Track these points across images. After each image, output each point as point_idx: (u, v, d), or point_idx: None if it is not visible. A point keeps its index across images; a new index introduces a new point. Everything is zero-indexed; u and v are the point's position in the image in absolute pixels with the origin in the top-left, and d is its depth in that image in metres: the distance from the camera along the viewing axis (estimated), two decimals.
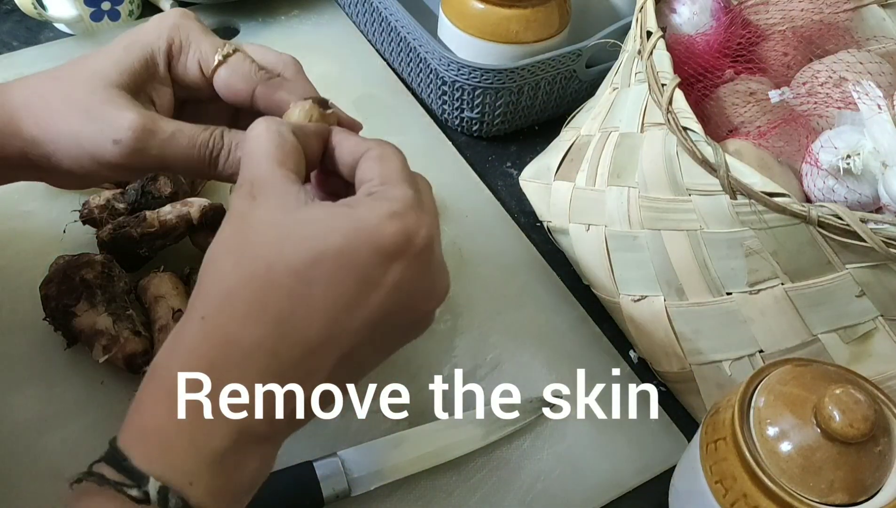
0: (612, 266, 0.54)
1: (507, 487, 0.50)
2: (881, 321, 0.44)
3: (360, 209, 0.33)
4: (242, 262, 0.33)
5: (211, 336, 0.32)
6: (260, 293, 0.32)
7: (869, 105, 0.45)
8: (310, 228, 0.32)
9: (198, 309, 0.33)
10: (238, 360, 0.32)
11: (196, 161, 0.39)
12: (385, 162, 0.36)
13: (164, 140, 0.39)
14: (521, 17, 0.65)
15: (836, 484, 0.38)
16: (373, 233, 0.32)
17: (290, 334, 0.32)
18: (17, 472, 0.47)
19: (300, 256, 0.32)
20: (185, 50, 0.42)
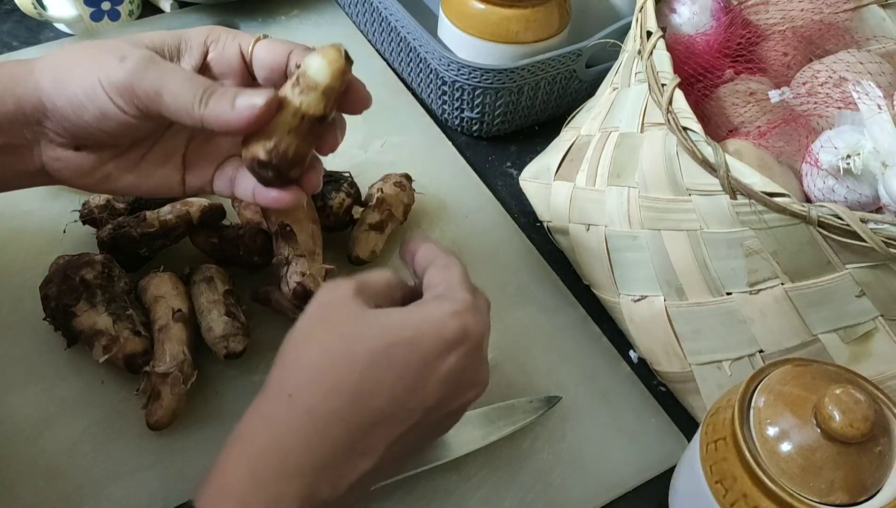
0: (612, 266, 0.54)
1: (507, 487, 0.50)
2: (881, 321, 0.44)
3: (428, 308, 0.40)
4: (325, 343, 0.38)
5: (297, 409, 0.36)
6: (338, 370, 0.37)
7: (869, 105, 0.45)
8: (386, 320, 0.38)
9: (284, 387, 0.37)
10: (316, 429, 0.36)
11: (189, 94, 0.40)
12: (449, 271, 0.42)
13: (164, 69, 0.41)
14: (521, 17, 0.65)
15: (836, 484, 0.38)
16: (437, 326, 0.38)
17: (361, 407, 0.36)
18: (17, 472, 0.47)
19: (376, 342, 0.37)
20: (224, 38, 0.44)
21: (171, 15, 0.78)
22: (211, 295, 0.52)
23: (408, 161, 0.67)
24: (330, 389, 0.36)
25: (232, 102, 0.40)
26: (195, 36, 0.44)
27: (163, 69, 0.40)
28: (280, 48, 0.43)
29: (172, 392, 0.48)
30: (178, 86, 0.40)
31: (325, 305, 0.40)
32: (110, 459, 0.48)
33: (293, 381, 0.37)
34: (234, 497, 0.35)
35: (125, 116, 0.41)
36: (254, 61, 0.44)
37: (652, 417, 0.54)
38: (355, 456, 0.37)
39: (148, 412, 0.48)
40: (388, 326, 0.38)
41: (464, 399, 0.41)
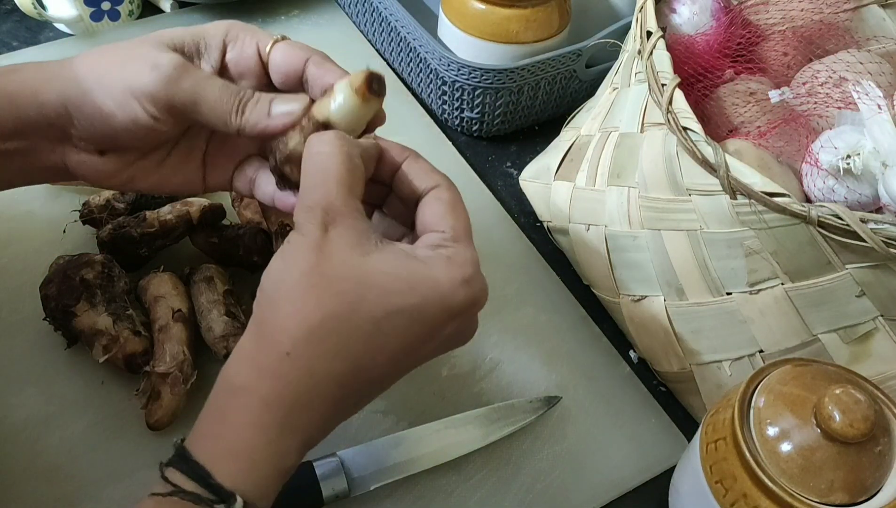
0: (612, 266, 0.54)
1: (507, 487, 0.50)
2: (881, 321, 0.44)
3: (436, 271, 0.37)
4: (325, 300, 0.35)
5: (297, 369, 0.35)
6: (341, 334, 0.35)
7: (869, 105, 0.45)
8: (390, 282, 0.36)
9: (282, 343, 0.35)
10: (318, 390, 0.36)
11: (225, 104, 0.40)
12: (456, 213, 0.39)
13: (198, 78, 0.41)
14: (521, 17, 0.65)
15: (836, 484, 0.38)
16: (446, 296, 0.36)
17: (361, 371, 0.36)
18: (17, 472, 0.47)
19: (381, 307, 0.35)
20: (242, 38, 0.44)
21: (171, 15, 0.78)
22: (211, 295, 0.52)
23: None
24: (331, 353, 0.35)
25: (268, 110, 0.41)
26: (214, 34, 0.43)
27: (196, 78, 0.40)
28: (297, 56, 0.43)
29: (172, 392, 0.48)
30: (214, 97, 0.40)
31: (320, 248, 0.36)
32: (110, 459, 0.48)
33: (291, 337, 0.35)
34: (244, 454, 0.35)
35: (156, 122, 0.41)
36: (270, 65, 0.43)
37: (652, 417, 0.54)
38: (348, 409, 0.38)
39: (148, 412, 0.48)
40: (393, 289, 0.36)
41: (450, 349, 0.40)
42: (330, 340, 0.35)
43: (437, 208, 0.39)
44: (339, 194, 0.36)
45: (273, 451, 0.35)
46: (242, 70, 0.44)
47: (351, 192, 0.37)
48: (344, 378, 0.36)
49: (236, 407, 0.35)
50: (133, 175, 0.45)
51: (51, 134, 0.42)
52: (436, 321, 0.37)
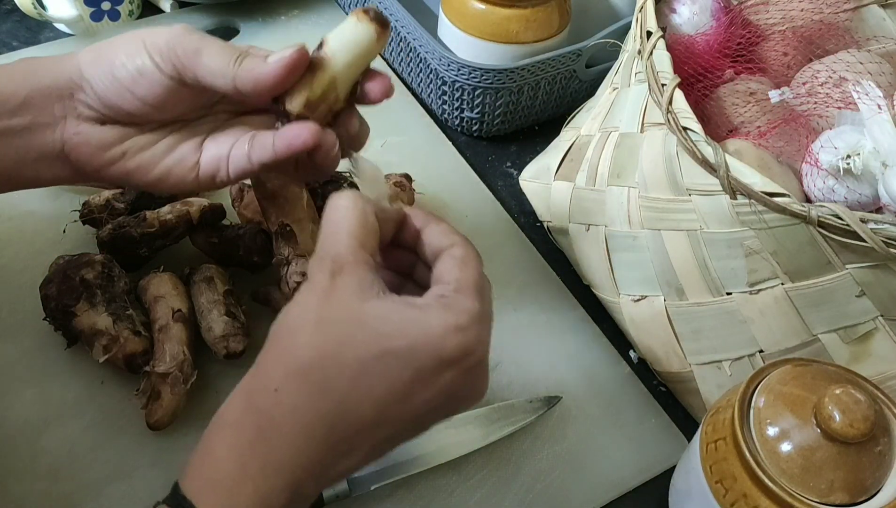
0: (612, 266, 0.54)
1: (507, 487, 0.50)
2: (881, 321, 0.44)
3: (430, 316, 0.36)
4: (316, 340, 0.36)
5: (282, 405, 0.35)
6: (329, 373, 0.35)
7: (869, 105, 0.45)
8: (381, 325, 0.36)
9: (272, 380, 0.36)
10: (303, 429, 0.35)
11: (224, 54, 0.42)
12: (465, 268, 0.39)
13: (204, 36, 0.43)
14: (521, 17, 0.65)
15: (836, 484, 0.38)
16: (436, 342, 0.36)
17: (348, 412, 0.36)
18: (18, 472, 0.47)
19: (368, 348, 0.35)
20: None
21: (171, 15, 0.78)
22: (211, 295, 0.52)
23: (408, 161, 0.67)
24: (317, 391, 0.35)
25: (264, 59, 0.42)
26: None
27: (203, 35, 0.43)
28: None
29: (172, 392, 0.48)
30: (215, 48, 0.42)
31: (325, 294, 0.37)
32: (110, 459, 0.48)
33: (280, 375, 0.36)
34: (224, 487, 0.35)
35: (161, 76, 0.42)
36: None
37: (652, 417, 0.54)
38: (339, 456, 0.37)
39: (148, 412, 0.48)
40: (383, 331, 0.36)
41: (457, 408, 0.39)
42: (316, 377, 0.35)
43: (448, 263, 0.39)
44: (348, 246, 0.37)
45: (254, 488, 0.35)
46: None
47: (362, 245, 0.38)
48: (330, 418, 0.35)
49: (221, 441, 0.36)
50: (127, 149, 0.45)
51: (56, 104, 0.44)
52: (425, 367, 0.36)
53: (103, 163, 0.45)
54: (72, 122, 0.44)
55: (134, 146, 0.45)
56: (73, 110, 0.44)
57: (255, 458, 0.35)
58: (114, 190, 0.57)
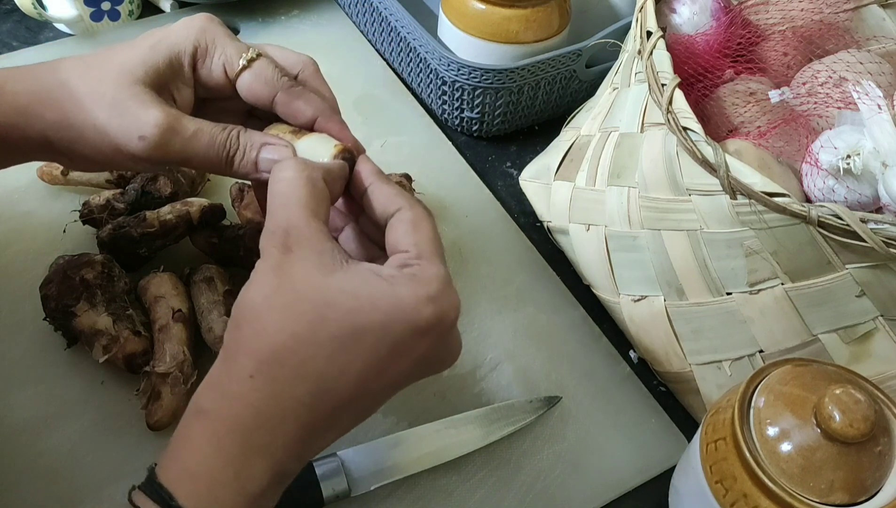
0: (612, 266, 0.54)
1: (507, 487, 0.50)
2: (881, 321, 0.44)
3: (400, 289, 0.36)
4: (287, 322, 0.35)
5: (259, 391, 0.35)
6: (304, 356, 0.35)
7: (869, 105, 0.45)
8: (351, 301, 0.35)
9: (245, 366, 0.35)
10: (282, 412, 0.35)
11: (214, 159, 0.42)
12: (419, 231, 0.39)
13: (185, 138, 0.42)
14: (521, 17, 0.65)
15: (836, 484, 0.38)
16: (411, 314, 0.36)
17: (326, 392, 0.35)
18: (18, 472, 0.47)
19: (343, 326, 0.35)
20: (211, 53, 0.44)
21: (171, 15, 0.78)
22: (211, 295, 0.52)
23: (408, 161, 0.67)
24: (294, 375, 0.35)
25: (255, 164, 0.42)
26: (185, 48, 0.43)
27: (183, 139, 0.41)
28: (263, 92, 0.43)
29: (172, 392, 0.48)
30: (202, 154, 0.42)
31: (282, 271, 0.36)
32: (110, 459, 0.48)
33: (254, 360, 0.35)
34: (203, 475, 0.35)
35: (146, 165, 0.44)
36: (239, 91, 0.44)
37: (652, 417, 0.54)
38: (320, 433, 0.37)
39: (148, 413, 0.48)
40: (354, 308, 0.35)
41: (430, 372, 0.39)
42: (292, 361, 0.35)
43: (401, 228, 0.39)
44: (300, 217, 0.36)
45: (233, 474, 0.35)
46: (213, 90, 0.45)
47: (314, 214, 0.37)
48: (309, 399, 0.35)
49: (198, 430, 0.36)
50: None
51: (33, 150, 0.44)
52: (402, 340, 0.36)
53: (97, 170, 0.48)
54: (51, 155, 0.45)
55: None
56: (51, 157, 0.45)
57: (235, 444, 0.35)
58: (114, 190, 0.57)
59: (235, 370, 0.36)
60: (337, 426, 0.37)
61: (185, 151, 0.42)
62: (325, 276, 0.35)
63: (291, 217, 0.36)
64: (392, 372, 0.37)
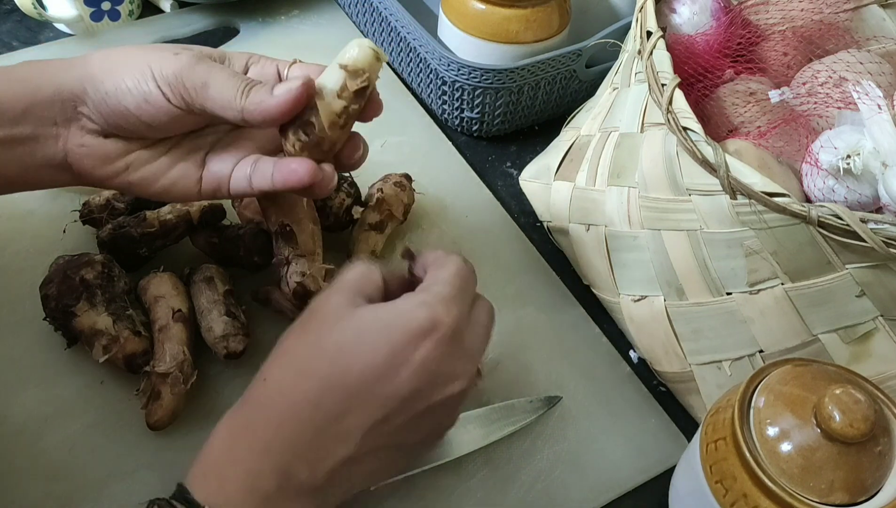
0: (612, 266, 0.54)
1: (507, 487, 0.50)
2: (881, 321, 0.44)
3: (401, 302, 0.40)
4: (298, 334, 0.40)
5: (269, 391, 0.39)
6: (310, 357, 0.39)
7: (869, 105, 0.45)
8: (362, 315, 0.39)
9: (262, 372, 0.40)
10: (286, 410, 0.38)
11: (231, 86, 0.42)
12: (442, 268, 0.42)
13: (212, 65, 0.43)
14: (521, 17, 0.65)
15: (836, 484, 0.38)
16: (405, 316, 0.39)
17: (329, 390, 0.38)
18: (17, 472, 0.47)
19: (345, 332, 0.39)
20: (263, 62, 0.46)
21: (171, 15, 0.78)
22: (211, 295, 0.52)
23: (408, 161, 0.67)
24: (300, 372, 0.38)
25: (270, 90, 0.42)
26: (238, 56, 0.46)
27: (211, 65, 0.43)
28: (314, 69, 0.45)
29: (172, 392, 0.48)
30: (222, 79, 0.43)
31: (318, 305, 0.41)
32: (110, 459, 0.48)
33: (267, 367, 0.40)
34: (214, 473, 0.37)
35: (168, 104, 0.43)
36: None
37: (652, 417, 0.54)
38: (330, 440, 0.38)
39: (148, 412, 0.48)
40: (362, 319, 0.39)
41: (445, 393, 0.40)
42: (297, 361, 0.39)
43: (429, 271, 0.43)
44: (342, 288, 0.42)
45: (243, 470, 0.37)
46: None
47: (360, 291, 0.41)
48: (314, 395, 0.38)
49: (216, 433, 0.39)
50: (131, 162, 0.46)
51: (58, 116, 0.44)
52: (399, 340, 0.38)
53: (106, 174, 0.46)
54: (75, 133, 0.45)
55: (137, 160, 0.46)
56: (76, 122, 0.44)
57: (243, 441, 0.37)
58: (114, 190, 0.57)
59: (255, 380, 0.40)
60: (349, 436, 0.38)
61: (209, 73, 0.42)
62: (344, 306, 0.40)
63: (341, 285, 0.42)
64: (398, 377, 0.38)
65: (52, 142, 0.44)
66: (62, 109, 0.44)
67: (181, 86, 0.42)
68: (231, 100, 0.42)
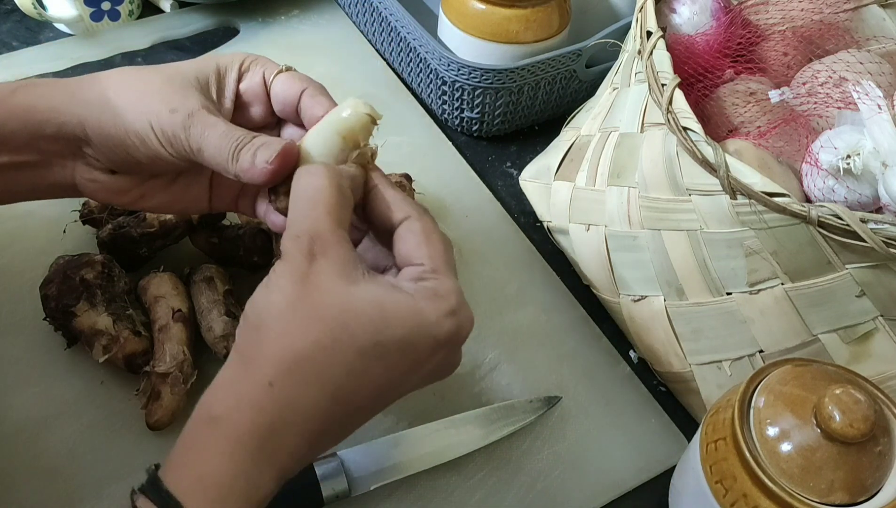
0: (612, 266, 0.54)
1: (507, 487, 0.50)
2: (881, 321, 0.44)
3: (422, 304, 0.37)
4: (310, 330, 0.35)
5: (277, 399, 0.35)
6: (324, 364, 0.35)
7: (869, 105, 0.45)
8: (375, 312, 0.36)
9: (265, 373, 0.35)
10: (296, 420, 0.35)
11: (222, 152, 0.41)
12: (431, 243, 0.39)
13: (205, 127, 0.42)
14: (521, 17, 0.65)
15: (836, 484, 0.38)
16: (433, 329, 0.37)
17: (344, 400, 0.36)
18: (17, 472, 0.47)
19: (366, 338, 0.35)
20: (253, 69, 0.45)
21: (171, 15, 0.78)
22: (211, 295, 0.52)
23: (408, 161, 0.67)
24: (312, 383, 0.35)
25: (252, 158, 0.41)
26: (232, 64, 0.45)
27: (204, 125, 0.42)
28: (294, 85, 0.44)
29: (172, 392, 0.48)
30: (215, 144, 0.41)
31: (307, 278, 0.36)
32: (110, 459, 0.48)
33: (275, 368, 0.35)
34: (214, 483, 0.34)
35: (172, 158, 0.43)
36: (272, 95, 0.45)
37: (652, 417, 0.54)
38: (328, 439, 0.37)
39: (148, 412, 0.48)
40: (379, 319, 0.36)
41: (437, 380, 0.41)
42: (312, 370, 0.35)
43: (412, 239, 0.39)
44: (327, 224, 0.37)
45: (245, 482, 0.34)
46: (251, 99, 0.46)
47: (339, 222, 0.37)
48: (325, 405, 0.35)
49: (211, 437, 0.35)
50: (143, 193, 0.46)
51: (64, 150, 0.44)
52: (423, 353, 0.37)
53: (120, 202, 0.47)
54: (82, 168, 0.45)
55: (150, 190, 0.46)
56: (82, 158, 0.44)
57: (249, 452, 0.34)
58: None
59: (253, 375, 0.35)
60: (344, 432, 0.38)
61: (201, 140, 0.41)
62: (349, 285, 0.36)
63: (318, 224, 0.37)
64: (407, 384, 0.38)
65: (59, 170, 0.45)
66: (66, 146, 0.43)
67: (180, 147, 0.42)
68: (224, 167, 0.41)
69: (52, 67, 0.71)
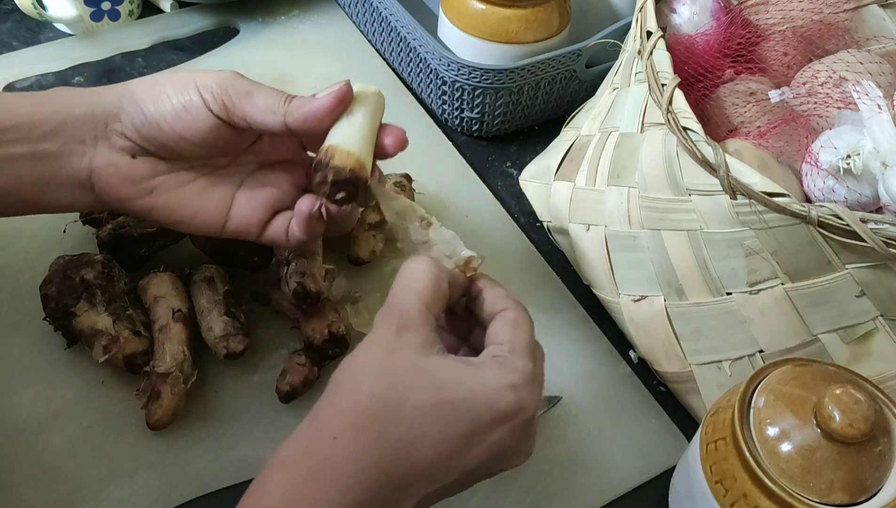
0: (612, 266, 0.54)
1: (507, 487, 0.50)
2: (881, 321, 0.44)
3: (486, 373, 0.38)
4: (378, 388, 0.37)
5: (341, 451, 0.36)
6: (387, 420, 0.36)
7: (869, 105, 0.45)
8: (439, 374, 0.38)
9: (331, 427, 0.37)
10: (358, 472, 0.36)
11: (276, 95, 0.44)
12: (517, 330, 0.41)
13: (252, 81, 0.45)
14: (521, 17, 0.65)
15: (836, 484, 0.38)
16: (493, 395, 0.38)
17: (402, 458, 0.36)
18: (18, 472, 0.47)
19: (427, 397, 0.37)
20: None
21: (171, 15, 0.78)
22: (211, 295, 0.52)
23: (408, 161, 0.66)
24: (374, 437, 0.36)
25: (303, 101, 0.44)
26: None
27: (252, 80, 0.45)
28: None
29: (172, 392, 0.48)
30: (266, 89, 0.44)
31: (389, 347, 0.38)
32: (110, 459, 0.48)
33: (339, 422, 0.37)
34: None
35: (208, 113, 0.44)
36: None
37: (652, 417, 0.54)
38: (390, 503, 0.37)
39: (148, 412, 0.48)
40: (441, 381, 0.37)
41: (506, 466, 0.40)
42: (375, 425, 0.36)
43: (501, 325, 0.41)
44: (416, 306, 0.39)
45: None
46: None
47: (429, 307, 0.40)
48: (385, 463, 0.36)
49: (277, 480, 0.37)
50: (157, 185, 0.46)
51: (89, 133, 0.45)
52: (480, 419, 0.37)
53: (131, 194, 0.46)
54: (103, 151, 0.45)
55: (164, 184, 0.46)
56: (106, 140, 0.45)
57: (307, 497, 0.36)
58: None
59: (321, 428, 0.37)
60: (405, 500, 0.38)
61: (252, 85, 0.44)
62: (422, 356, 0.38)
63: (409, 304, 0.39)
64: (467, 456, 0.38)
65: (77, 160, 0.45)
66: (94, 126, 0.44)
67: (224, 93, 0.43)
68: (274, 105, 0.43)
69: (52, 67, 0.71)
